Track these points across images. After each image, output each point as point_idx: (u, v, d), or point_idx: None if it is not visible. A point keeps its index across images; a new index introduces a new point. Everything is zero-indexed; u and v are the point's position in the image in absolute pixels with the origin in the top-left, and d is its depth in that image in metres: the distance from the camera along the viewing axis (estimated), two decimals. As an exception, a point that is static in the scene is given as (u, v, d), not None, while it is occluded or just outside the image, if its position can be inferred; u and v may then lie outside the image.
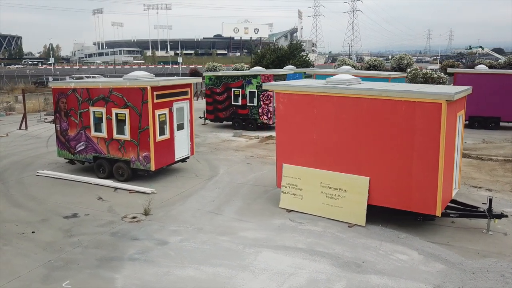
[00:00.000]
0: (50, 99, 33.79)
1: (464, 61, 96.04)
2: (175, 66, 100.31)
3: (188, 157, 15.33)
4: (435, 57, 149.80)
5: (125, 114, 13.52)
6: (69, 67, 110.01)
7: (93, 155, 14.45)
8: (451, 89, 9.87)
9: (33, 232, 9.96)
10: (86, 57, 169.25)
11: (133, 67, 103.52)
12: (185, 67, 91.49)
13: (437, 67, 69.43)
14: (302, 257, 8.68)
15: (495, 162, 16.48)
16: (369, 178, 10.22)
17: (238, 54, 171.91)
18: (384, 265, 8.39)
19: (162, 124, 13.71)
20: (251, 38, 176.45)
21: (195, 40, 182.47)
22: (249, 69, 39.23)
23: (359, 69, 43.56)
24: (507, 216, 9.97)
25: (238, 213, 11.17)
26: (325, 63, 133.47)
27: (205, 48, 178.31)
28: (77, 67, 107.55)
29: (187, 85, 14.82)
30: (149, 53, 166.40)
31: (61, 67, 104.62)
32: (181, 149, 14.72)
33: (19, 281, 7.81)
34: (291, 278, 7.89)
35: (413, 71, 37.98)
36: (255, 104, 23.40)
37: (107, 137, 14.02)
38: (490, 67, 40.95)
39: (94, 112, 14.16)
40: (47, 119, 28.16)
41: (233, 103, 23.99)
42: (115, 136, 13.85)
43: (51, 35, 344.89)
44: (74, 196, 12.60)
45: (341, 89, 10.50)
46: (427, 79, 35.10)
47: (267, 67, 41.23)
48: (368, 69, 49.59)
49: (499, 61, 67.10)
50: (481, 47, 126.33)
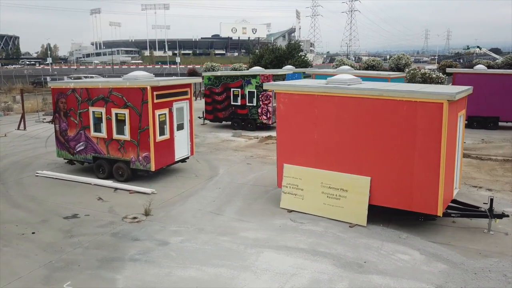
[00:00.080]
0: (48, 99, 33.70)
1: (461, 61, 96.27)
2: (173, 66, 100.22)
3: (188, 157, 15.30)
4: (433, 57, 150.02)
5: (125, 114, 13.48)
6: (67, 67, 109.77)
7: (93, 156, 14.40)
8: (452, 89, 9.87)
9: (33, 232, 9.92)
10: (83, 57, 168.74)
11: (131, 67, 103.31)
12: (183, 67, 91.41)
13: (435, 67, 69.51)
14: (303, 257, 8.66)
15: (494, 162, 16.51)
16: (370, 178, 10.21)
17: (236, 54, 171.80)
18: (386, 265, 8.38)
19: (162, 124, 13.67)
20: (249, 38, 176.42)
21: (193, 40, 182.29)
22: (247, 69, 39.27)
23: (357, 69, 43.54)
24: (508, 216, 9.97)
25: (238, 213, 11.15)
26: (323, 63, 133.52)
27: (203, 48, 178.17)
28: (75, 67, 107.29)
29: (187, 85, 14.79)
30: (147, 53, 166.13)
31: (58, 67, 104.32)
32: (181, 149, 14.69)
33: (20, 282, 7.77)
34: (293, 278, 7.87)
35: (412, 71, 38.04)
36: (255, 104, 23.37)
37: (106, 137, 13.98)
38: (488, 67, 40.98)
39: (93, 112, 14.11)
40: (45, 119, 28.06)
41: (232, 103, 23.95)
42: (115, 136, 13.80)
43: (49, 35, 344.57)
44: (74, 196, 12.55)
45: (342, 89, 10.48)
46: (426, 79, 35.16)
47: (265, 67, 41.20)
48: (366, 69, 49.56)
49: (497, 61, 67.25)
50: (478, 47, 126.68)
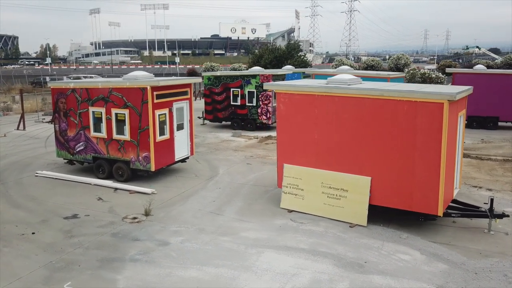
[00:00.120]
0: (47, 99, 33.68)
1: (461, 61, 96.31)
2: (172, 66, 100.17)
3: (187, 157, 15.29)
4: (432, 57, 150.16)
5: (124, 114, 13.46)
6: (66, 67, 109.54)
7: (93, 156, 14.38)
8: (453, 89, 9.86)
9: (33, 233, 9.90)
10: (83, 57, 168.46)
11: (130, 67, 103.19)
12: (183, 67, 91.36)
13: (434, 67, 69.60)
14: (304, 258, 8.66)
15: (494, 161, 16.52)
16: (371, 178, 10.21)
17: (235, 54, 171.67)
18: (386, 265, 8.38)
19: (162, 124, 13.66)
20: (248, 38, 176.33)
21: (193, 40, 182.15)
22: (247, 69, 39.24)
23: (357, 69, 43.56)
24: (508, 216, 9.98)
25: (239, 214, 11.14)
26: (323, 63, 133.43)
27: (203, 48, 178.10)
28: (74, 67, 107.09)
29: (187, 85, 14.78)
30: (146, 53, 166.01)
31: (58, 67, 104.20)
32: (181, 149, 14.68)
33: (20, 282, 7.75)
34: (294, 278, 7.87)
35: (411, 71, 38.06)
36: (254, 104, 23.36)
37: (106, 137, 13.96)
38: (487, 67, 41.02)
39: (93, 112, 14.09)
40: (44, 119, 28.03)
41: (232, 103, 23.95)
42: (115, 136, 13.79)
43: (48, 35, 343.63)
44: (73, 196, 12.54)
45: (342, 89, 10.48)
46: (425, 79, 35.18)
47: (265, 67, 41.18)
48: (365, 69, 49.56)
49: (496, 61, 67.25)
50: (477, 47, 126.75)
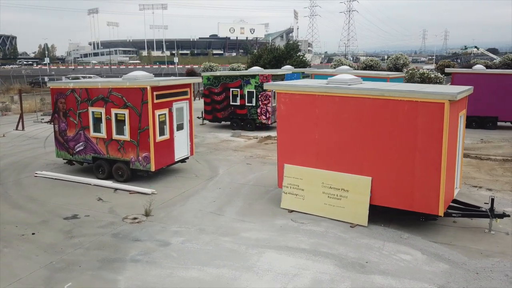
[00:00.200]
0: (46, 99, 33.62)
1: (459, 61, 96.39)
2: (171, 66, 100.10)
3: (187, 158, 15.27)
4: (431, 57, 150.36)
5: (124, 114, 13.43)
6: (65, 67, 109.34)
7: (92, 156, 14.35)
8: (453, 89, 9.87)
9: (33, 233, 9.86)
10: (81, 57, 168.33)
11: (129, 67, 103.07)
12: (181, 67, 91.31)
13: (432, 67, 69.65)
14: (305, 258, 8.65)
15: (494, 161, 16.54)
16: (371, 178, 10.21)
17: (234, 54, 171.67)
18: (388, 265, 8.38)
19: (162, 124, 13.63)
20: (247, 38, 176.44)
21: (191, 40, 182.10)
22: (246, 69, 39.21)
23: (356, 69, 43.59)
24: (509, 215, 9.98)
25: (239, 214, 11.13)
26: (321, 63, 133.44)
27: (201, 48, 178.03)
28: (73, 67, 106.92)
29: (186, 85, 14.75)
30: (144, 53, 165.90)
31: (56, 67, 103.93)
32: (180, 150, 14.66)
33: (21, 283, 7.72)
34: (295, 278, 7.85)
35: (410, 71, 38.10)
36: (254, 104, 23.35)
37: (106, 137, 13.93)
38: (485, 67, 41.07)
39: (93, 112, 14.06)
40: (43, 119, 27.98)
41: (231, 103, 23.93)
42: (115, 136, 13.75)
43: (46, 35, 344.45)
44: (73, 197, 12.50)
45: (343, 89, 10.47)
46: (424, 79, 35.21)
47: (264, 67, 41.17)
48: (364, 69, 49.60)
49: (494, 61, 67.40)
50: (476, 47, 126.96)
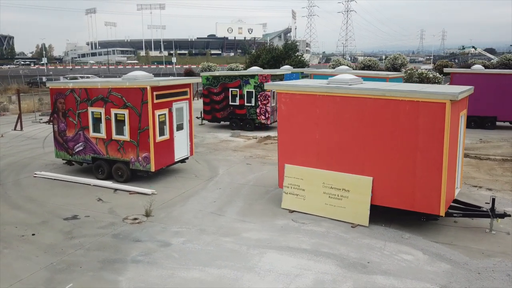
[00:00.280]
0: (44, 100, 33.52)
1: (457, 61, 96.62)
2: (169, 66, 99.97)
3: (187, 158, 15.23)
4: (428, 57, 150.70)
5: (124, 114, 13.39)
6: (62, 67, 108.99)
7: (92, 156, 14.30)
8: (455, 89, 9.86)
9: (33, 234, 9.82)
10: (79, 57, 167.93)
11: (127, 67, 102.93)
12: (179, 67, 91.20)
13: (430, 67, 69.81)
14: (307, 258, 8.63)
15: (493, 161, 16.57)
16: (372, 178, 10.20)
17: (232, 54, 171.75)
18: (389, 265, 8.37)
19: (161, 124, 13.60)
20: (245, 38, 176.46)
21: (189, 40, 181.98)
22: (244, 69, 39.19)
23: (354, 69, 43.61)
24: (510, 215, 10.00)
25: (240, 214, 11.10)
26: (319, 63, 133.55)
27: (199, 48, 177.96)
28: (70, 67, 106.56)
29: (186, 85, 14.72)
30: (142, 53, 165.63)
31: (54, 67, 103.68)
32: (180, 150, 14.62)
33: (21, 284, 7.68)
34: (297, 279, 7.84)
35: (409, 71, 38.14)
36: (253, 104, 23.32)
37: (106, 137, 13.88)
38: (483, 67, 41.12)
39: (92, 112, 14.01)
40: (42, 119, 27.89)
41: (230, 103, 23.90)
42: (114, 136, 13.71)
43: (44, 35, 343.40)
44: (73, 197, 12.46)
45: (344, 89, 10.46)
46: (423, 79, 35.26)
47: (262, 67, 41.14)
48: (362, 69, 49.64)
49: (492, 61, 67.56)
50: (473, 47, 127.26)
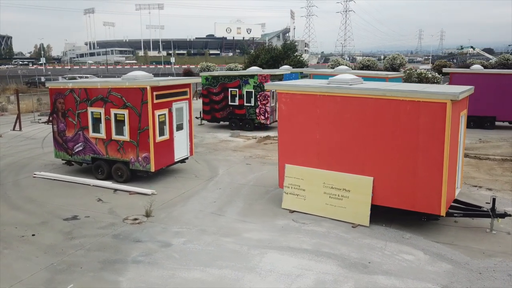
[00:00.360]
0: (43, 100, 33.44)
1: (455, 61, 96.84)
2: (167, 66, 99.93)
3: (187, 158, 15.21)
4: (427, 57, 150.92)
5: (124, 114, 13.36)
6: (61, 67, 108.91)
7: (92, 156, 14.26)
8: (455, 89, 9.86)
9: (33, 235, 9.79)
10: (77, 57, 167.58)
11: (125, 67, 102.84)
12: (178, 67, 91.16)
13: (429, 67, 69.91)
14: (308, 258, 8.62)
15: (493, 161, 16.58)
16: (373, 178, 10.19)
17: (230, 54, 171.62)
18: (390, 265, 8.36)
19: (161, 124, 13.57)
20: (243, 38, 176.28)
21: (188, 40, 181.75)
22: (243, 69, 39.16)
23: (353, 69, 43.63)
24: (510, 215, 10.00)
25: (240, 214, 11.09)
26: (318, 63, 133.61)
27: (198, 48, 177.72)
28: (69, 67, 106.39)
29: (186, 85, 14.69)
30: (141, 53, 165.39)
31: (52, 67, 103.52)
32: (180, 150, 14.60)
33: (22, 285, 7.65)
34: (299, 279, 7.82)
35: (408, 71, 38.18)
36: (252, 104, 23.30)
37: (105, 138, 13.85)
38: (482, 67, 41.18)
39: (92, 112, 13.97)
40: (41, 119, 27.82)
41: (230, 103, 23.88)
42: (114, 137, 13.68)
43: (42, 35, 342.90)
44: (73, 197, 12.42)
45: (344, 89, 10.45)
46: (422, 79, 35.30)
47: (261, 67, 41.10)
48: (361, 69, 49.69)
49: (490, 61, 67.77)
50: (472, 47, 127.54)
